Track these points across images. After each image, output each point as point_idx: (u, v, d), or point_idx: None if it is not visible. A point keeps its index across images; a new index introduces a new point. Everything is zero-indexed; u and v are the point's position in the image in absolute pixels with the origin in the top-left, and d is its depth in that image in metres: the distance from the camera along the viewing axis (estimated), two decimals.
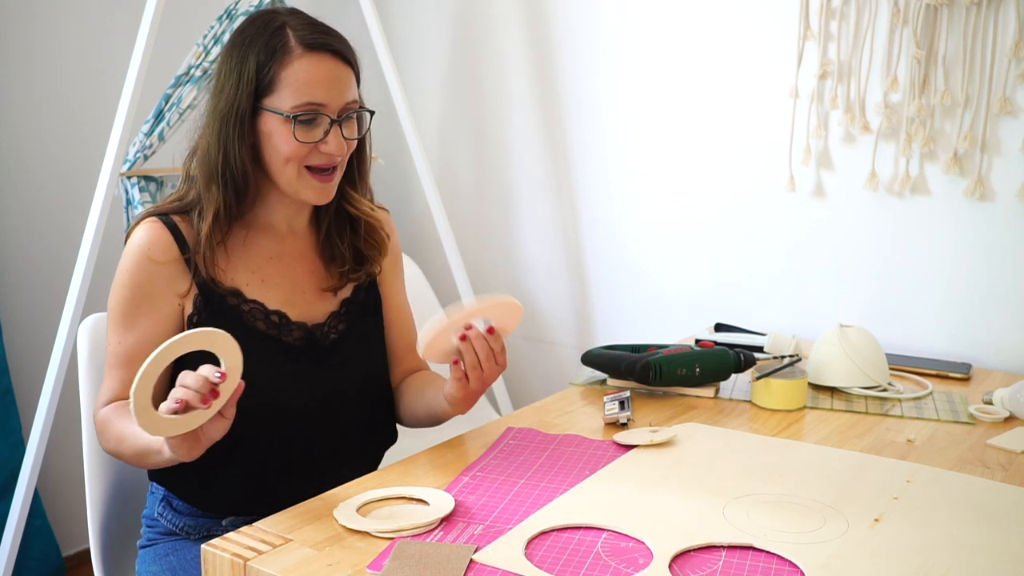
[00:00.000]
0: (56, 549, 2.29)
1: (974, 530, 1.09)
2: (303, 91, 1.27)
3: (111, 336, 1.32)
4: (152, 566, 1.38)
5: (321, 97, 1.27)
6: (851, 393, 1.60)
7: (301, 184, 1.31)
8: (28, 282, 2.28)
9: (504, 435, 1.37)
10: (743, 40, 2.04)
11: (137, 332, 1.30)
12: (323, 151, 1.29)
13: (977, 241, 1.84)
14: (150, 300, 1.30)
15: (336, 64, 1.29)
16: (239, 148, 1.29)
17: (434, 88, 2.55)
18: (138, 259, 1.30)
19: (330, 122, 1.28)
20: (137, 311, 1.30)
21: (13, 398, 2.20)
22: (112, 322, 1.32)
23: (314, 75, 1.27)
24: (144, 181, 2.12)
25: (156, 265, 1.30)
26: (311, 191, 1.32)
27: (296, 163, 1.29)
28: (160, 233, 1.31)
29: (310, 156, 1.29)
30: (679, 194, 2.18)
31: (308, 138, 1.28)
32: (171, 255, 1.31)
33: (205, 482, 1.35)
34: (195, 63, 2.11)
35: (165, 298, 1.31)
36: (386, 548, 1.02)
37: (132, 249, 1.31)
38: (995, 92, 1.77)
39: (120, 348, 1.31)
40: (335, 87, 1.28)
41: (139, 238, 1.31)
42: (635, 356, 1.58)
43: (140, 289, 1.30)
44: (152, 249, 1.30)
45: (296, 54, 1.27)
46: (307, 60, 1.27)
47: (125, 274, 1.31)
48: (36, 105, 2.26)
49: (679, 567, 1.00)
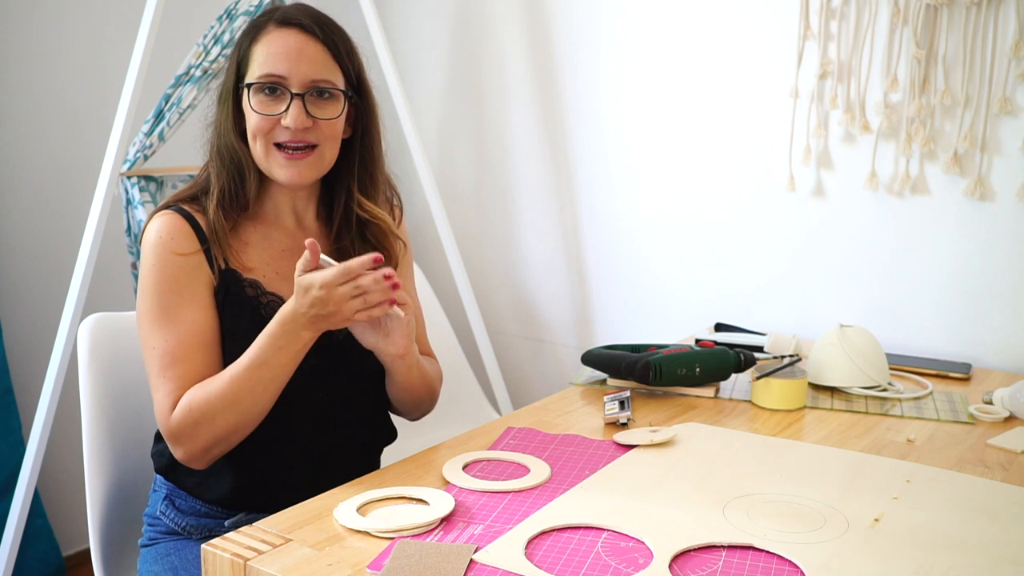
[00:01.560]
0: (56, 549, 2.29)
1: (974, 530, 1.09)
2: (266, 63, 1.29)
3: (153, 339, 1.28)
4: (154, 565, 1.38)
5: (281, 69, 1.28)
6: (851, 393, 1.60)
7: (271, 162, 1.31)
8: (28, 282, 2.28)
9: (504, 435, 1.37)
10: (743, 40, 2.04)
11: (182, 324, 1.28)
12: (282, 124, 1.29)
13: (977, 241, 1.84)
14: (186, 289, 1.29)
15: (303, 38, 1.30)
16: (225, 127, 1.33)
17: (434, 88, 2.55)
18: (162, 254, 1.29)
19: (291, 96, 1.28)
20: (178, 302, 1.29)
21: (13, 398, 2.20)
22: (149, 324, 1.29)
23: (277, 47, 1.29)
24: (144, 181, 2.12)
25: (181, 257, 1.30)
26: (279, 170, 1.31)
27: (262, 137, 1.30)
28: (179, 224, 1.31)
29: (275, 132, 1.30)
30: (679, 194, 2.18)
31: (267, 110, 1.29)
32: (193, 246, 1.30)
33: (210, 477, 1.35)
34: (195, 63, 2.11)
35: (197, 286, 1.30)
36: (386, 548, 1.02)
37: (153, 245, 1.30)
38: (995, 92, 1.77)
39: (168, 345, 1.28)
40: (298, 60, 1.29)
41: (158, 232, 1.30)
42: (635, 356, 1.57)
43: (174, 281, 1.29)
44: (174, 243, 1.30)
45: (267, 30, 1.31)
46: (274, 34, 1.30)
47: (153, 271, 1.29)
48: (36, 105, 2.26)
49: (679, 567, 1.00)
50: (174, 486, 1.39)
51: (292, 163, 1.31)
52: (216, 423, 1.25)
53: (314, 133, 1.31)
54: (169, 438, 1.28)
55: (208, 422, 1.25)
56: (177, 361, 1.27)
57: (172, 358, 1.27)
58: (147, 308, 1.29)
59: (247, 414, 1.25)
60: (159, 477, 1.42)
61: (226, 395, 1.24)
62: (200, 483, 1.37)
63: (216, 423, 1.25)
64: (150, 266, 1.30)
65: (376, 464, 1.47)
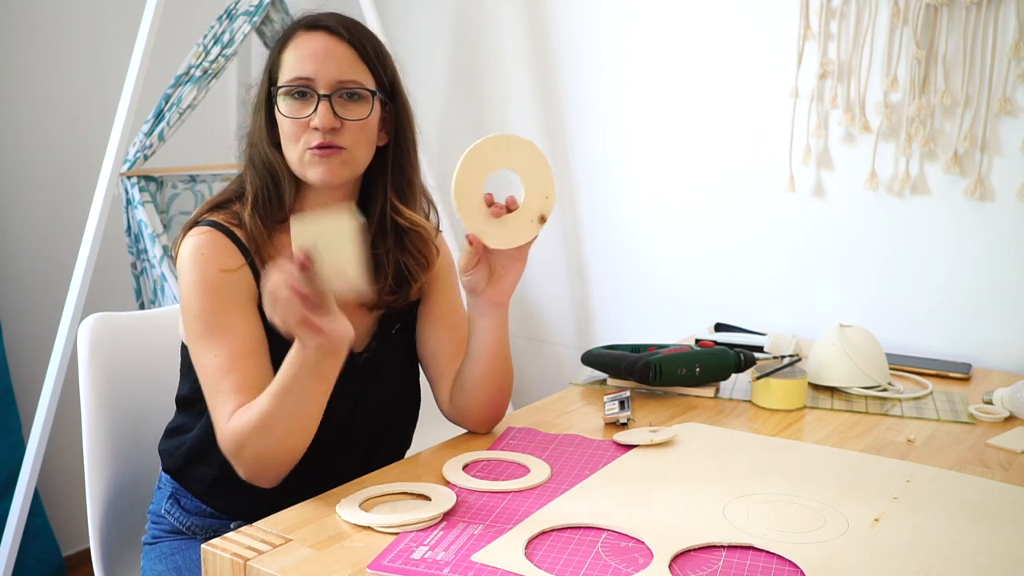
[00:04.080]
0: (56, 549, 2.29)
1: (974, 530, 1.09)
2: (294, 67, 1.28)
3: (204, 358, 1.24)
4: (158, 564, 1.37)
5: (308, 71, 1.27)
6: (851, 393, 1.60)
7: (305, 162, 1.29)
8: (28, 282, 2.28)
9: (504, 435, 1.37)
10: (743, 40, 2.04)
11: (232, 335, 1.24)
12: (311, 126, 1.28)
13: (977, 241, 1.84)
14: (230, 303, 1.26)
15: (329, 40, 1.29)
16: (260, 135, 1.32)
17: (434, 88, 2.55)
18: (205, 270, 1.26)
19: (318, 97, 1.27)
20: (225, 317, 1.25)
21: (13, 398, 2.21)
22: (199, 342, 1.25)
23: (305, 50, 1.29)
24: (144, 181, 2.12)
25: (228, 275, 1.26)
26: (312, 169, 1.29)
27: (295, 142, 1.28)
28: (220, 240, 1.28)
29: (306, 135, 1.28)
30: (679, 194, 2.18)
31: (297, 113, 1.28)
32: (237, 260, 1.28)
33: (220, 487, 1.34)
34: (195, 63, 2.11)
35: (242, 298, 1.27)
36: (387, 547, 1.02)
37: (194, 263, 1.26)
38: (995, 92, 1.77)
39: (218, 359, 1.23)
40: (324, 61, 1.28)
41: (199, 250, 1.27)
42: (635, 356, 1.57)
43: (217, 297, 1.25)
44: (218, 259, 1.26)
45: (295, 36, 1.30)
46: (303, 37, 1.30)
47: (195, 289, 1.25)
48: (36, 105, 2.26)
49: (679, 567, 1.00)
50: (180, 486, 1.39)
51: (323, 160, 1.28)
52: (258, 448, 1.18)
53: (343, 135, 1.28)
54: (230, 460, 1.22)
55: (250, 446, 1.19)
56: (227, 374, 1.23)
57: (222, 372, 1.23)
58: (194, 328, 1.26)
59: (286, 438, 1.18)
60: (165, 475, 1.41)
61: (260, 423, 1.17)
62: (208, 490, 1.36)
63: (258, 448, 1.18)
64: (191, 283, 1.26)
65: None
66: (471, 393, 1.36)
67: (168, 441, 1.41)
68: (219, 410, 1.22)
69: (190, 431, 1.36)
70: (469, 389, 1.36)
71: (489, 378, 1.35)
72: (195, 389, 1.33)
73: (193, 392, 1.34)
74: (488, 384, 1.35)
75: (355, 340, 1.34)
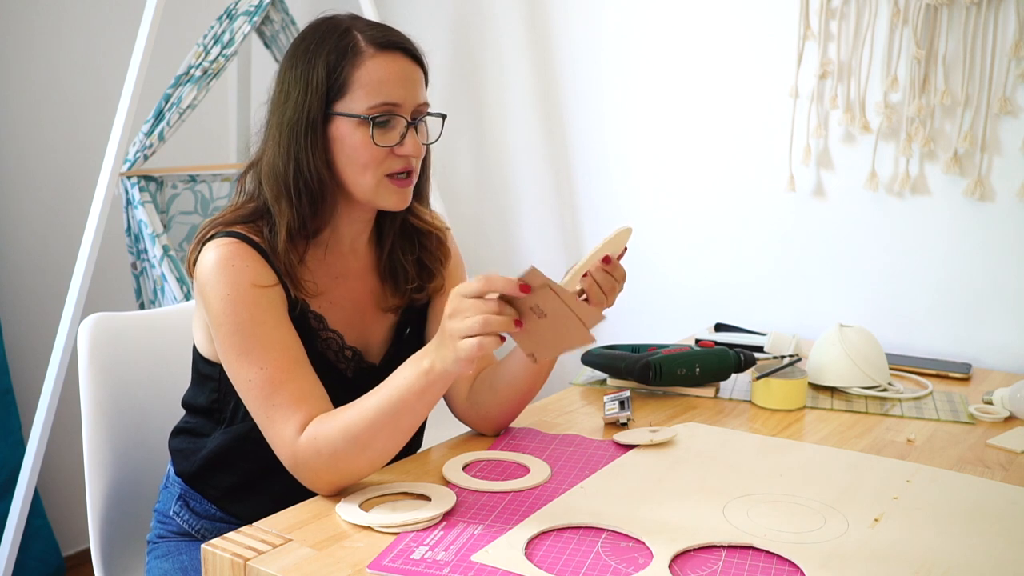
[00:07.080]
0: (56, 549, 2.29)
1: (974, 530, 1.09)
2: (378, 91, 1.22)
3: (247, 372, 1.19)
4: (163, 563, 1.37)
5: (396, 96, 1.23)
6: (851, 393, 1.60)
7: (380, 190, 1.25)
8: (28, 282, 2.28)
9: (504, 435, 1.37)
10: (743, 40, 2.04)
11: (276, 347, 1.20)
12: (399, 154, 1.23)
13: (977, 241, 1.84)
14: (267, 315, 1.21)
15: (408, 63, 1.25)
16: (313, 157, 1.23)
17: (434, 88, 2.54)
18: (238, 283, 1.20)
19: (406, 124, 1.24)
20: (265, 328, 1.20)
21: (13, 398, 2.21)
22: (241, 356, 1.19)
23: (388, 74, 1.23)
24: (144, 181, 2.12)
25: (261, 289, 1.21)
26: (392, 196, 1.25)
27: (374, 169, 1.23)
28: (251, 254, 1.22)
29: (387, 161, 1.24)
30: (679, 194, 2.18)
31: (385, 141, 1.23)
32: (271, 278, 1.23)
33: (235, 494, 1.33)
34: (195, 63, 2.11)
35: (280, 310, 1.23)
36: (387, 547, 1.02)
37: (227, 274, 1.20)
38: (995, 92, 1.77)
39: (266, 371, 1.18)
40: (408, 86, 1.24)
41: (230, 261, 1.21)
42: (635, 356, 1.58)
43: (258, 308, 1.20)
44: (252, 273, 1.21)
45: (368, 54, 1.22)
46: (380, 59, 1.23)
47: (232, 300, 1.20)
48: (36, 105, 2.26)
49: (679, 567, 1.00)
50: (192, 489, 1.37)
51: (403, 190, 1.26)
52: (348, 460, 1.15)
53: (418, 158, 1.27)
54: (293, 470, 1.18)
55: (339, 456, 1.14)
56: (281, 386, 1.18)
57: (274, 384, 1.18)
58: (232, 343, 1.20)
59: (385, 449, 1.16)
60: (174, 476, 1.39)
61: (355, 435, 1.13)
62: (224, 496, 1.35)
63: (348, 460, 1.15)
64: (223, 296, 1.20)
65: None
66: (500, 393, 1.34)
67: (180, 440, 1.38)
68: (280, 424, 1.17)
69: (206, 435, 1.34)
70: (499, 388, 1.34)
71: (523, 383, 1.34)
72: (213, 399, 1.33)
73: (211, 403, 1.33)
74: (520, 387, 1.34)
75: (373, 350, 1.35)
